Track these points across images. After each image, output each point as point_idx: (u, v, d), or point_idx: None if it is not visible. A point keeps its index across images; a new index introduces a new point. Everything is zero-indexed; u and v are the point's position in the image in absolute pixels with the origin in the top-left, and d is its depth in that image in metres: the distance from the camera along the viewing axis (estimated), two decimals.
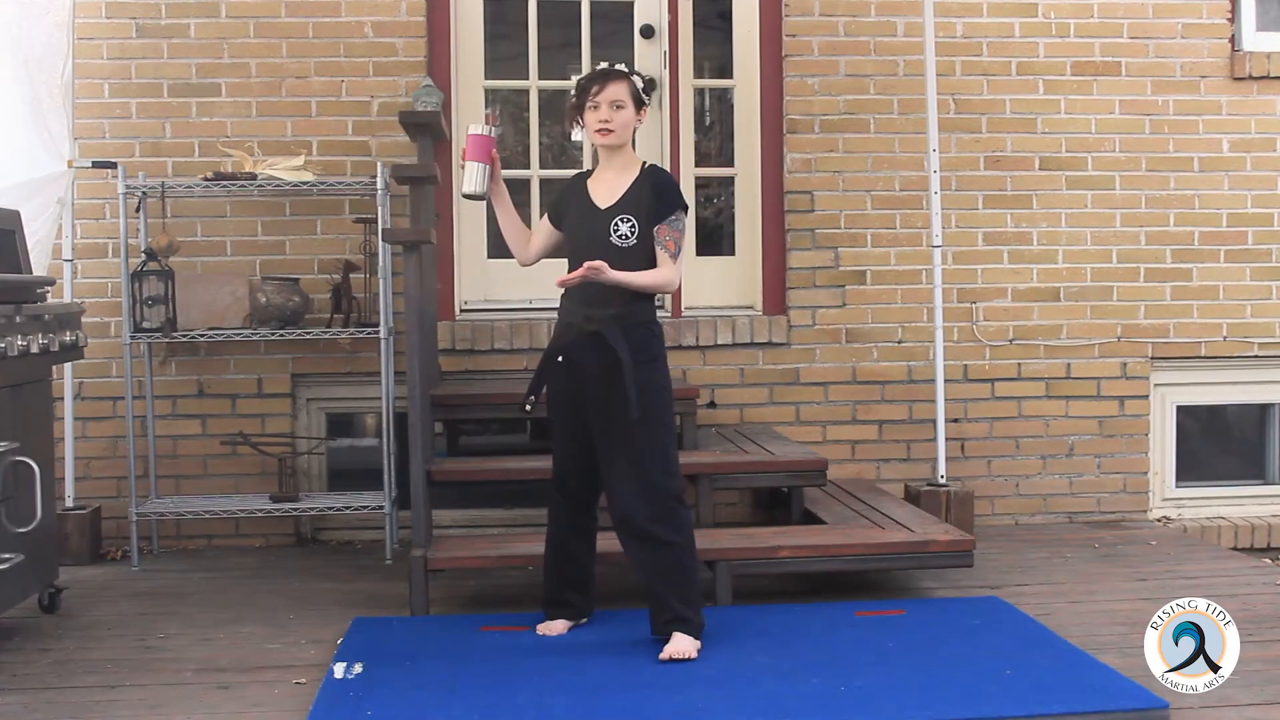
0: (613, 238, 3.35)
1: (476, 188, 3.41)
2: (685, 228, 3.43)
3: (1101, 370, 5.18)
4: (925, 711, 2.91)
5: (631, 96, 3.37)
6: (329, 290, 4.74)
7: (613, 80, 3.36)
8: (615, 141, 3.39)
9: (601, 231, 3.36)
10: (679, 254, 3.39)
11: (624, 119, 3.37)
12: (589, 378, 3.36)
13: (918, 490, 4.82)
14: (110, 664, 3.41)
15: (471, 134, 3.41)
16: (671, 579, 3.35)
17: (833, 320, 5.09)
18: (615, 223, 3.35)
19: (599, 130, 3.36)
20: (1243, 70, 5.16)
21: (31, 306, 3.65)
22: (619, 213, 3.36)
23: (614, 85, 3.35)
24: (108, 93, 4.83)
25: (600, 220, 3.38)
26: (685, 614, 3.34)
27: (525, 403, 3.45)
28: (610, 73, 3.38)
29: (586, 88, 3.37)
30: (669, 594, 3.34)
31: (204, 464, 4.86)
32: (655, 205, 3.35)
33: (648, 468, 3.34)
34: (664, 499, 3.35)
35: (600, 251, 3.31)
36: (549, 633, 3.54)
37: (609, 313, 3.33)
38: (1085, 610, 3.85)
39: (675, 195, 3.41)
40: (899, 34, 5.08)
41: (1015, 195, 5.13)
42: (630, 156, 3.44)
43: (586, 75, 3.44)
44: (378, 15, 4.89)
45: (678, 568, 3.36)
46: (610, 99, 3.35)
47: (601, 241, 3.34)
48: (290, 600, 4.07)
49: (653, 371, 3.37)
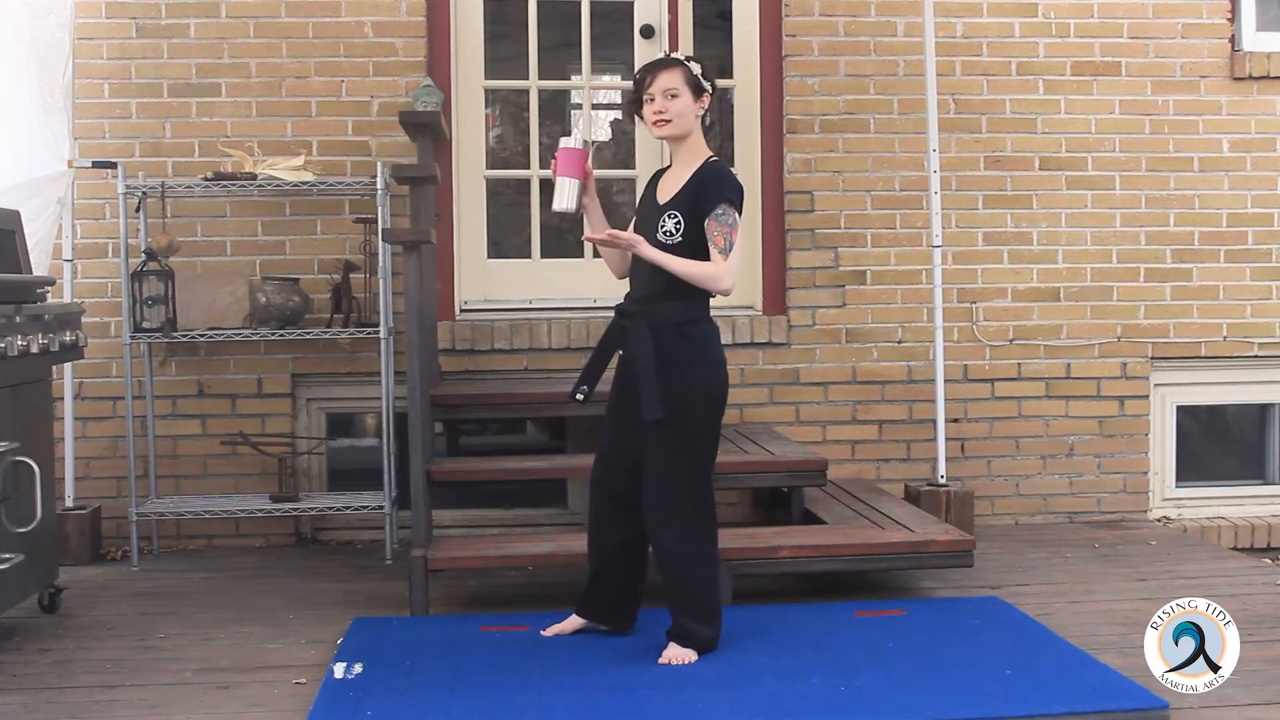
0: (658, 233, 3.23)
1: (568, 204, 3.30)
2: (737, 222, 3.22)
3: (1101, 370, 5.18)
4: (925, 711, 2.91)
5: (688, 83, 3.23)
6: (329, 290, 4.74)
7: (664, 69, 3.24)
8: (673, 132, 3.25)
9: (653, 226, 3.26)
10: (730, 249, 3.19)
11: (680, 107, 3.22)
12: (631, 374, 3.28)
13: (918, 490, 4.82)
14: (110, 664, 3.41)
15: (563, 148, 3.30)
16: (681, 589, 3.29)
17: (833, 320, 5.09)
18: (663, 219, 3.24)
19: (655, 122, 3.24)
20: (1243, 70, 5.16)
21: (31, 306, 3.65)
22: (670, 208, 3.25)
23: (665, 74, 3.23)
24: (108, 93, 4.83)
25: (654, 216, 3.28)
26: (689, 628, 3.28)
27: (575, 392, 3.37)
28: (660, 61, 3.28)
29: (641, 81, 3.26)
30: (677, 604, 3.30)
31: (204, 464, 4.86)
32: (698, 200, 3.21)
33: (667, 473, 3.25)
34: (679, 507, 3.26)
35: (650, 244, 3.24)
36: (549, 633, 3.49)
37: (643, 309, 3.26)
38: (1085, 610, 3.85)
39: (720, 188, 3.22)
40: (899, 34, 5.08)
41: (1015, 195, 5.13)
42: (696, 149, 3.29)
43: (641, 67, 3.32)
44: (378, 15, 4.89)
45: (689, 579, 3.29)
46: (663, 88, 3.22)
47: (651, 238, 3.24)
48: (290, 600, 4.07)
49: (682, 375, 3.23)
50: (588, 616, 3.51)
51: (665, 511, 3.26)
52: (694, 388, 3.25)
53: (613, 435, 3.40)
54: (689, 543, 3.29)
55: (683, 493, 3.27)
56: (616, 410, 3.38)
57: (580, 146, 3.31)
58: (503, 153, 5.44)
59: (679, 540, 3.28)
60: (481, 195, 5.14)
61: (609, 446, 3.41)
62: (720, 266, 3.20)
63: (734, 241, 3.21)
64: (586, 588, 3.50)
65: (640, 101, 3.28)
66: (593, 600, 3.50)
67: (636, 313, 3.26)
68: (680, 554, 3.28)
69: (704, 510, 3.31)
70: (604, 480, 3.42)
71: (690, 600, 3.29)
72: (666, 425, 3.21)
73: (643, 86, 3.26)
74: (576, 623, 3.52)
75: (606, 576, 3.46)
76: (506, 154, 5.44)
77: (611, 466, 3.40)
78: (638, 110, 3.30)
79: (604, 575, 3.46)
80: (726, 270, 3.20)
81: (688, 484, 3.27)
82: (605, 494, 3.41)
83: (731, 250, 3.21)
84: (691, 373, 3.25)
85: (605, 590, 3.47)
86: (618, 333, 3.34)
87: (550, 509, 5.06)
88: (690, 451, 3.27)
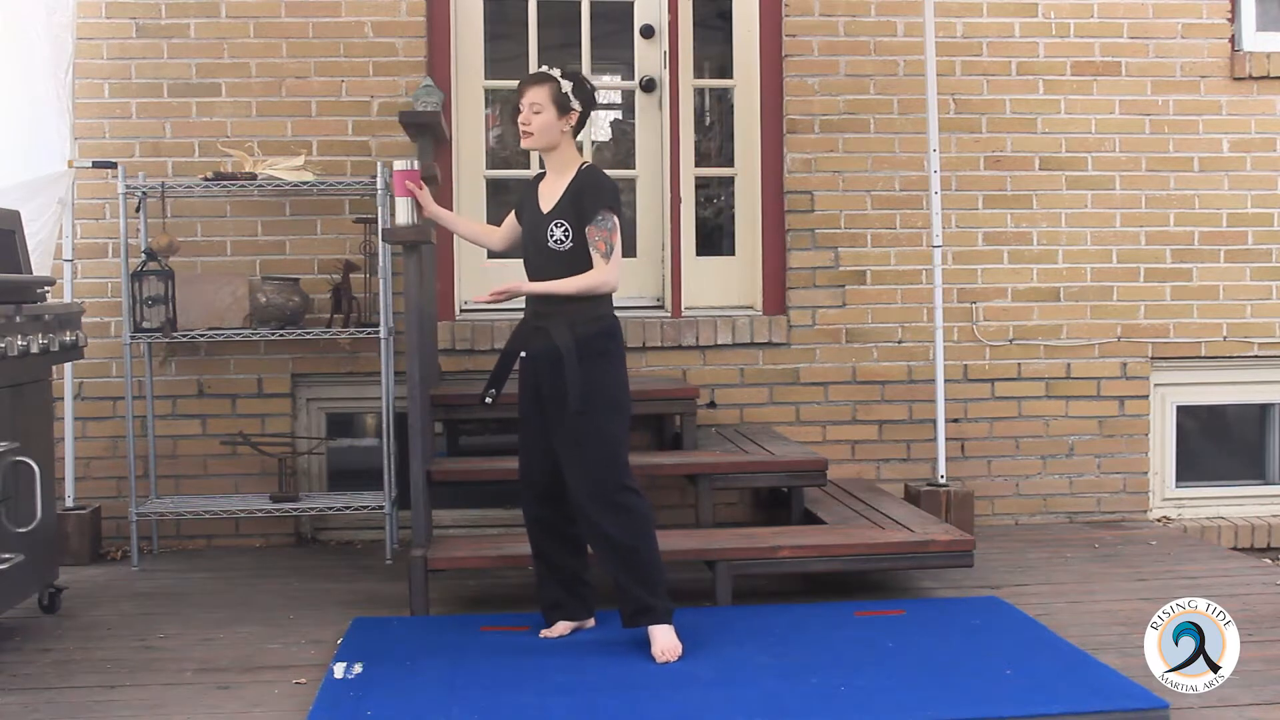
0: (549, 242, 3.41)
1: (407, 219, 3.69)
2: (616, 225, 3.40)
3: (1101, 370, 5.18)
4: (925, 711, 2.91)
5: (553, 100, 3.39)
6: (329, 290, 4.74)
7: (532, 84, 3.41)
8: (535, 145, 3.45)
9: (541, 235, 3.43)
10: (611, 253, 3.38)
11: (541, 123, 3.40)
12: (541, 373, 3.43)
13: (918, 490, 4.82)
14: (110, 664, 3.41)
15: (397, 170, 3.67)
16: (630, 567, 3.36)
17: (833, 320, 5.09)
18: (550, 227, 3.41)
19: (521, 133, 3.44)
20: (1243, 70, 5.16)
21: (31, 306, 3.65)
22: (555, 217, 3.41)
23: (533, 89, 3.40)
24: (108, 93, 4.83)
25: (541, 224, 3.44)
26: (649, 602, 3.35)
27: (485, 395, 3.54)
28: (532, 76, 3.46)
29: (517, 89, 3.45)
30: (630, 582, 3.36)
31: (204, 464, 4.86)
32: (580, 207, 3.39)
33: (591, 459, 3.36)
34: (610, 489, 3.36)
35: (541, 255, 3.43)
36: (551, 635, 3.53)
37: (554, 309, 3.40)
38: (1085, 610, 3.85)
39: (599, 195, 3.39)
40: (899, 34, 5.08)
41: (1015, 195, 5.13)
42: (567, 158, 3.46)
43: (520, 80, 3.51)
44: (378, 15, 4.89)
45: (634, 554, 3.36)
46: (529, 102, 3.40)
47: (541, 245, 3.43)
48: (290, 600, 4.07)
49: (600, 366, 3.38)
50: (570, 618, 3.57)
51: (600, 497, 3.36)
52: (611, 378, 3.42)
53: (532, 439, 3.50)
54: (631, 520, 3.37)
55: (609, 475, 3.37)
56: (529, 416, 3.50)
57: (412, 168, 3.66)
58: (503, 153, 5.44)
59: (620, 520, 3.36)
60: (481, 195, 5.15)
61: (530, 452, 3.51)
62: (602, 272, 3.38)
63: (614, 245, 3.40)
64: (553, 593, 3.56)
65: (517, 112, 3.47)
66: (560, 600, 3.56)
67: (553, 313, 3.39)
68: (624, 532, 3.36)
69: (631, 488, 3.40)
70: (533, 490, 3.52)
71: (645, 574, 3.37)
72: (583, 414, 3.34)
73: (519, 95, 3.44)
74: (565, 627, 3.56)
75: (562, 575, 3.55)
76: (506, 154, 5.44)
77: (535, 471, 3.51)
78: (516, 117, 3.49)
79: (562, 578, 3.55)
80: (609, 273, 3.39)
81: (610, 467, 3.38)
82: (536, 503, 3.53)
83: (612, 253, 3.40)
84: (606, 363, 3.42)
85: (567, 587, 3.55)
86: (530, 333, 3.47)
87: None
88: (612, 436, 3.39)
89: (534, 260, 3.47)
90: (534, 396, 3.47)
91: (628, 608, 3.39)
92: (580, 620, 3.58)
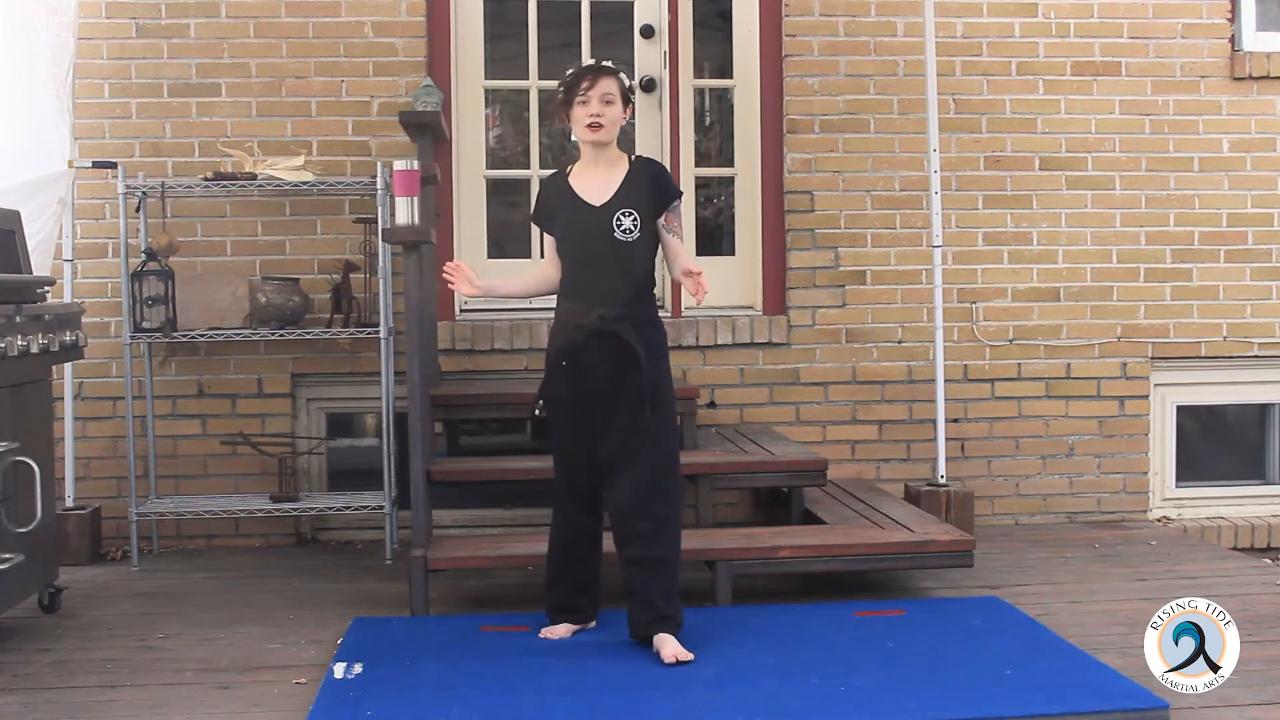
0: (616, 232, 3.33)
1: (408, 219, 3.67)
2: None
3: (1101, 370, 5.18)
4: (925, 711, 2.91)
5: (621, 92, 3.35)
6: (329, 290, 4.74)
7: (605, 75, 3.34)
8: (605, 137, 3.36)
9: (604, 227, 3.33)
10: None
11: (613, 114, 3.34)
12: (597, 379, 3.34)
13: (918, 490, 4.82)
14: (110, 664, 3.41)
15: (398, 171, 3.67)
16: (658, 576, 3.34)
17: (833, 320, 5.09)
18: (618, 217, 3.33)
19: (590, 124, 3.33)
20: (1243, 70, 5.16)
21: (31, 306, 3.65)
22: (620, 207, 3.34)
23: (605, 80, 3.33)
24: (108, 93, 4.83)
25: (599, 216, 3.35)
26: (669, 612, 3.34)
27: (535, 408, 3.45)
28: (601, 68, 3.37)
29: (576, 83, 3.35)
30: (654, 592, 3.33)
31: (204, 464, 4.86)
32: (658, 196, 3.38)
33: (655, 466, 3.34)
34: (665, 498, 3.35)
35: (604, 247, 3.33)
36: (553, 636, 3.51)
37: (622, 311, 3.32)
38: (1085, 610, 3.85)
39: (672, 183, 3.47)
40: (899, 34, 5.08)
41: (1015, 195, 5.13)
42: (617, 152, 3.43)
43: (575, 70, 3.41)
44: (378, 15, 4.89)
45: (665, 565, 3.35)
46: (601, 93, 3.32)
47: (605, 237, 3.33)
48: (290, 600, 4.07)
49: (662, 369, 3.39)
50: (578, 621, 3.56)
51: (657, 503, 3.33)
52: (669, 380, 3.43)
53: (579, 445, 3.41)
54: (674, 531, 3.37)
55: (666, 484, 3.36)
56: (578, 421, 3.40)
57: (412, 169, 3.64)
58: (503, 153, 5.44)
59: (665, 529, 3.35)
60: (481, 195, 5.15)
61: (575, 458, 3.43)
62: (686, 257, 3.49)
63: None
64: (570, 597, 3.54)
65: (571, 103, 3.35)
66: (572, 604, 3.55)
67: (622, 316, 3.33)
68: (658, 545, 3.34)
69: (679, 496, 3.42)
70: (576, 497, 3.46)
71: (671, 585, 3.36)
72: (654, 418, 3.32)
73: (576, 89, 3.34)
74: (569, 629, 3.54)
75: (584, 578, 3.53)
76: (506, 154, 5.44)
77: (581, 479, 3.44)
78: (568, 110, 3.37)
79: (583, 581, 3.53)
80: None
81: (669, 474, 3.38)
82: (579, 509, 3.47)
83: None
84: (665, 365, 3.43)
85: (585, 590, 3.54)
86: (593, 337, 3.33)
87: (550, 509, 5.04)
88: (673, 442, 3.41)
89: (593, 254, 3.35)
90: (587, 402, 3.37)
91: (645, 616, 3.35)
92: (585, 623, 3.57)
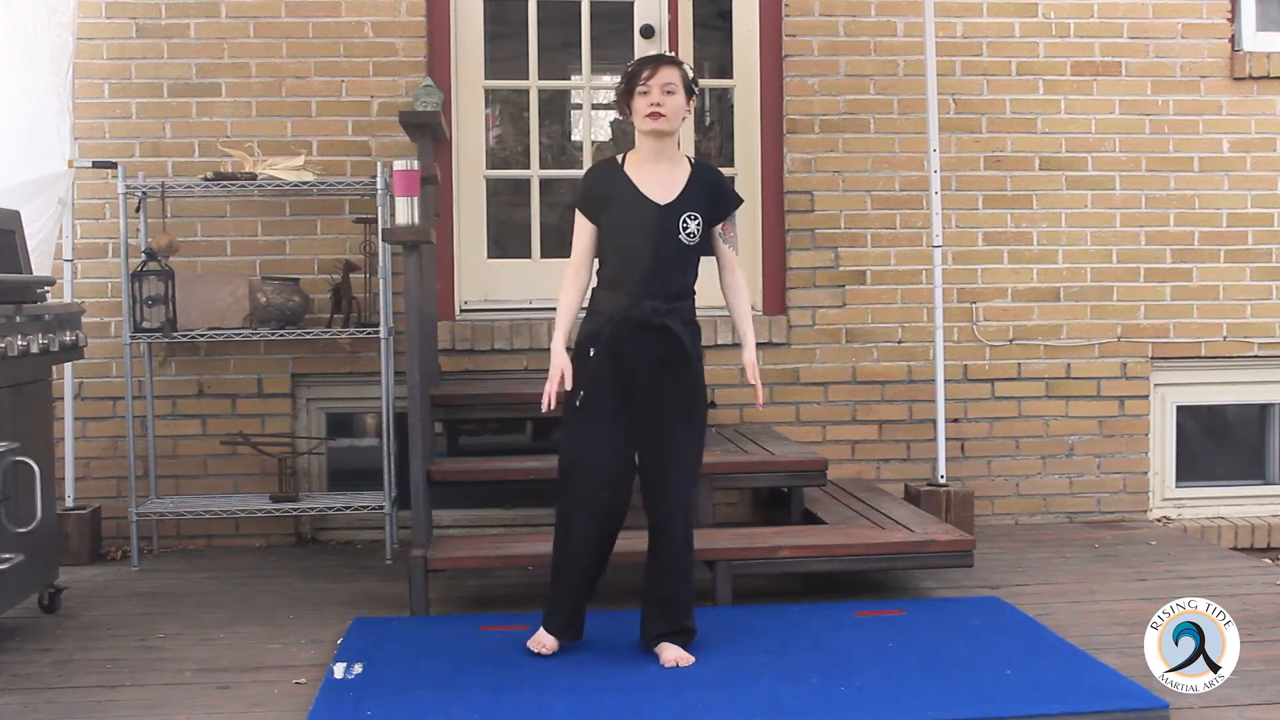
0: (681, 235, 3.24)
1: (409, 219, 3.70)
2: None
3: (1101, 370, 5.18)
4: (925, 711, 2.91)
5: (683, 83, 3.25)
6: (329, 290, 4.74)
7: (666, 64, 3.25)
8: (667, 127, 3.23)
9: (670, 227, 3.23)
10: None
11: (676, 105, 3.23)
12: (640, 373, 3.23)
13: (918, 490, 4.82)
14: (110, 664, 3.41)
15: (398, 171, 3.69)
16: (686, 581, 3.31)
17: (833, 320, 5.09)
18: (684, 220, 3.24)
19: (650, 113, 3.21)
20: (1243, 70, 5.16)
21: (31, 306, 3.65)
22: (686, 209, 3.25)
23: (667, 69, 3.23)
24: (108, 93, 4.83)
25: (665, 216, 3.23)
26: (691, 625, 3.32)
27: (575, 399, 3.24)
28: (663, 57, 3.30)
29: (637, 72, 3.24)
30: (680, 604, 3.29)
31: (204, 464, 4.86)
32: (721, 203, 3.33)
33: (691, 466, 3.30)
34: (694, 496, 3.34)
35: (667, 248, 3.24)
36: (542, 650, 3.34)
37: (673, 305, 3.27)
38: (1085, 610, 3.85)
39: (733, 191, 3.45)
40: (899, 34, 5.08)
41: (1015, 195, 5.13)
42: (677, 150, 3.34)
43: (635, 61, 3.30)
44: (378, 15, 4.89)
45: (690, 572, 3.34)
46: (662, 83, 3.21)
47: (670, 238, 3.23)
48: (290, 600, 4.07)
49: (700, 369, 3.34)
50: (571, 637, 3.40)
51: (686, 505, 3.30)
52: (704, 380, 3.39)
53: (615, 444, 3.26)
54: (689, 531, 3.33)
55: (695, 482, 3.34)
56: (615, 417, 3.25)
57: (412, 169, 3.66)
58: (503, 153, 5.44)
59: (689, 535, 3.31)
60: (481, 195, 5.15)
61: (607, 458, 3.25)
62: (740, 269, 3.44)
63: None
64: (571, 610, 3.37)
65: (632, 93, 3.26)
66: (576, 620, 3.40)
67: (672, 310, 3.26)
68: (689, 548, 3.32)
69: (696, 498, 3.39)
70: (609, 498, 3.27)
71: (688, 595, 3.32)
72: (694, 417, 3.30)
73: (637, 79, 3.24)
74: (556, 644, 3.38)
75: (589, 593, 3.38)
76: (506, 154, 5.44)
77: (614, 477, 3.27)
78: (629, 101, 3.28)
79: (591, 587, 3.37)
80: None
81: (698, 472, 3.36)
82: (606, 514, 3.29)
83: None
84: (701, 365, 3.38)
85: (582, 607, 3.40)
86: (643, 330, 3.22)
87: (550, 509, 5.02)
88: (701, 442, 3.36)
89: (651, 251, 3.22)
90: (628, 398, 3.25)
91: (668, 626, 3.28)
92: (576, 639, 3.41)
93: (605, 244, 3.30)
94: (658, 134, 3.25)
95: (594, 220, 3.30)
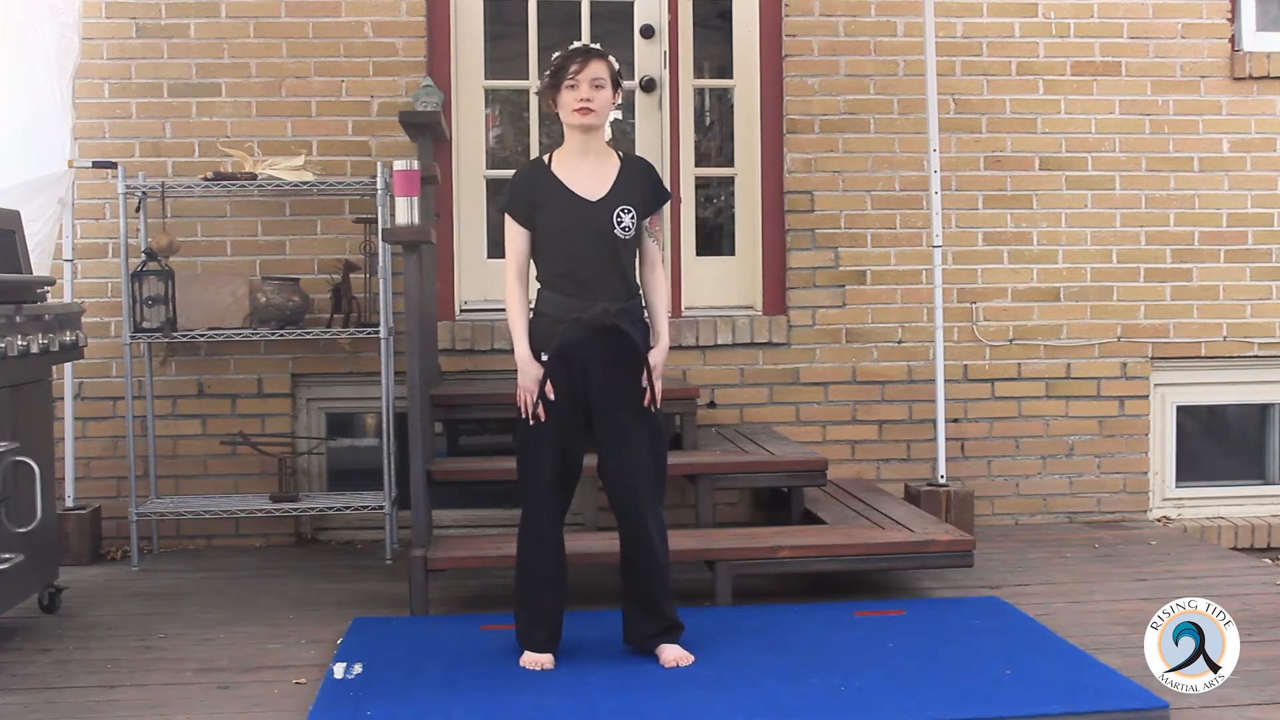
0: (616, 230, 3.21)
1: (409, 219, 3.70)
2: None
3: (1101, 370, 5.18)
4: (925, 711, 2.91)
5: (611, 77, 3.23)
6: (329, 290, 4.74)
7: (594, 58, 3.20)
8: (596, 121, 3.21)
9: (603, 223, 3.20)
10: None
11: (604, 99, 3.21)
12: (592, 375, 3.22)
13: (918, 490, 4.82)
14: (110, 664, 3.41)
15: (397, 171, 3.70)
16: (664, 581, 3.30)
17: (833, 320, 5.09)
18: (618, 214, 3.21)
19: (579, 108, 3.18)
20: (1243, 70, 5.16)
21: (31, 306, 3.65)
22: (619, 203, 3.22)
23: (595, 63, 3.19)
24: (108, 93, 4.83)
25: (597, 212, 3.21)
26: (677, 620, 3.31)
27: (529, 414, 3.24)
28: (591, 50, 3.23)
29: (564, 66, 3.19)
30: (662, 599, 3.29)
31: (204, 464, 4.86)
32: (652, 196, 3.29)
33: (658, 469, 3.28)
34: (660, 501, 3.31)
35: (602, 243, 3.21)
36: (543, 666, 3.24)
37: (623, 305, 3.23)
38: (1085, 610, 3.85)
39: (663, 184, 3.38)
40: (899, 34, 5.08)
41: (1015, 195, 5.13)
42: (604, 144, 3.30)
43: (563, 53, 3.24)
44: (378, 15, 4.89)
45: (667, 569, 3.32)
46: (591, 77, 3.18)
47: (604, 234, 3.20)
48: (290, 600, 4.07)
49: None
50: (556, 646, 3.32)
51: (652, 504, 3.27)
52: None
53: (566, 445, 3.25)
54: (662, 529, 3.31)
55: (659, 481, 3.30)
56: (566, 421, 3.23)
57: (412, 169, 3.68)
58: (503, 153, 5.44)
59: (660, 535, 3.30)
60: (481, 195, 5.15)
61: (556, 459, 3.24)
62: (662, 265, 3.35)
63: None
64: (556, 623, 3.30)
65: (559, 86, 3.22)
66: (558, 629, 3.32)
67: (622, 311, 3.22)
68: (663, 548, 3.30)
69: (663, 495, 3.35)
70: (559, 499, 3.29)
71: (669, 592, 3.32)
72: (651, 415, 3.25)
73: (565, 72, 3.20)
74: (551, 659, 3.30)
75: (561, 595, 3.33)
76: (506, 154, 5.44)
77: (564, 482, 3.28)
78: (555, 94, 3.24)
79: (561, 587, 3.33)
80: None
81: (661, 470, 3.31)
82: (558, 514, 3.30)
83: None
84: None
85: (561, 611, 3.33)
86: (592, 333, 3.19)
87: None
88: (663, 437, 3.32)
89: (589, 250, 3.20)
90: (583, 401, 3.24)
91: (655, 626, 3.29)
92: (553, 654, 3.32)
93: (543, 246, 3.27)
94: (585, 129, 3.23)
95: (527, 225, 3.27)
